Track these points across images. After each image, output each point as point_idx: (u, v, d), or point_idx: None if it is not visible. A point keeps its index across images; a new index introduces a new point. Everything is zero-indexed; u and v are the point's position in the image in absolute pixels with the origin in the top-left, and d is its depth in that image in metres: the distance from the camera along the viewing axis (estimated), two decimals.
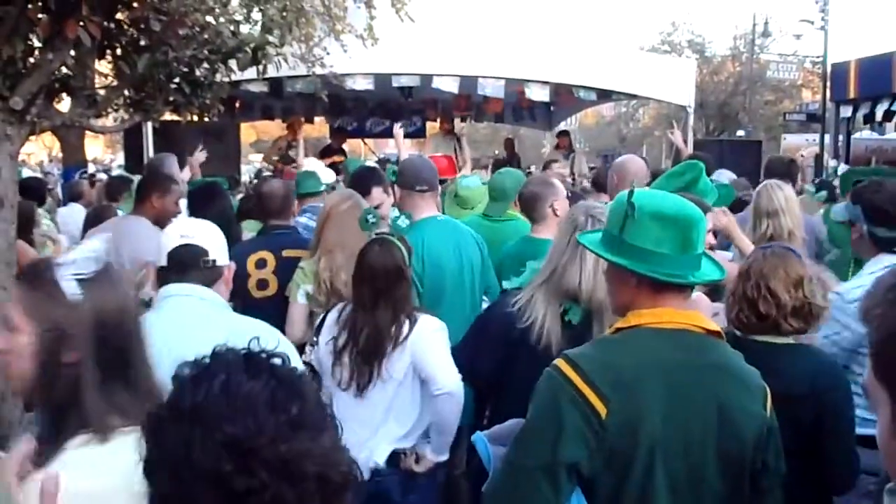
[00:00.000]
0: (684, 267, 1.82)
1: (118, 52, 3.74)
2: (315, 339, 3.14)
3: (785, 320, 2.48)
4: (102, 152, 31.83)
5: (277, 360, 1.06)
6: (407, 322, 2.99)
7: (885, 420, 0.93)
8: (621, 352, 1.84)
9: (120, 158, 19.14)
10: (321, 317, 3.23)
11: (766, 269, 2.51)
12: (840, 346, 2.83)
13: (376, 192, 4.44)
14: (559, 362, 1.83)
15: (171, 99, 4.00)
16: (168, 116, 4.59)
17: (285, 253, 4.02)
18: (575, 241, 2.36)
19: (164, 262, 2.46)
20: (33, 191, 6.94)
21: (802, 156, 7.55)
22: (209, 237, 2.49)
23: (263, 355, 1.06)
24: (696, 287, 2.21)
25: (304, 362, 3.03)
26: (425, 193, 3.91)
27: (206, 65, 4.05)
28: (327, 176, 6.06)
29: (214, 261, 2.45)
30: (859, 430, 2.42)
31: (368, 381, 2.99)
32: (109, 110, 4.05)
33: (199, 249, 2.42)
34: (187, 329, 2.19)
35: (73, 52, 3.57)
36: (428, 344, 2.97)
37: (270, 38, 4.28)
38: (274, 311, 3.72)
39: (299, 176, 5.36)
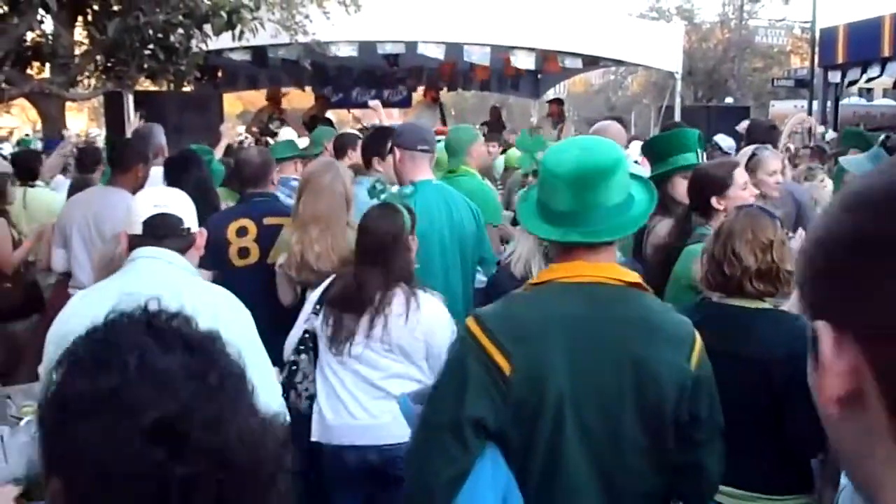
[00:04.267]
0: (588, 223, 1.80)
1: (89, 17, 3.65)
2: (317, 307, 3.10)
3: (750, 283, 2.44)
4: (86, 125, 31.48)
5: (183, 323, 0.97)
6: (401, 292, 2.94)
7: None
8: (527, 307, 1.86)
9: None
10: (319, 292, 3.16)
11: (735, 230, 2.47)
12: None
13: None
14: (468, 320, 1.86)
15: (146, 66, 3.92)
16: (146, 86, 4.51)
17: (266, 220, 3.95)
18: None
19: (137, 230, 2.45)
20: (24, 165, 6.81)
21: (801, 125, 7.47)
22: (182, 205, 2.53)
23: (168, 320, 0.96)
24: None
25: (306, 330, 3.06)
26: (425, 154, 3.85)
27: (180, 30, 3.96)
28: (303, 144, 6.02)
29: (189, 228, 2.49)
30: None
31: (346, 338, 2.96)
32: (83, 77, 3.96)
33: (175, 218, 2.46)
34: (148, 289, 2.18)
35: (42, 18, 3.48)
36: (440, 339, 2.92)
37: (245, 2, 4.19)
38: (256, 280, 3.67)
39: (274, 144, 5.30)
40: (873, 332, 0.61)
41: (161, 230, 2.44)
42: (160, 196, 2.56)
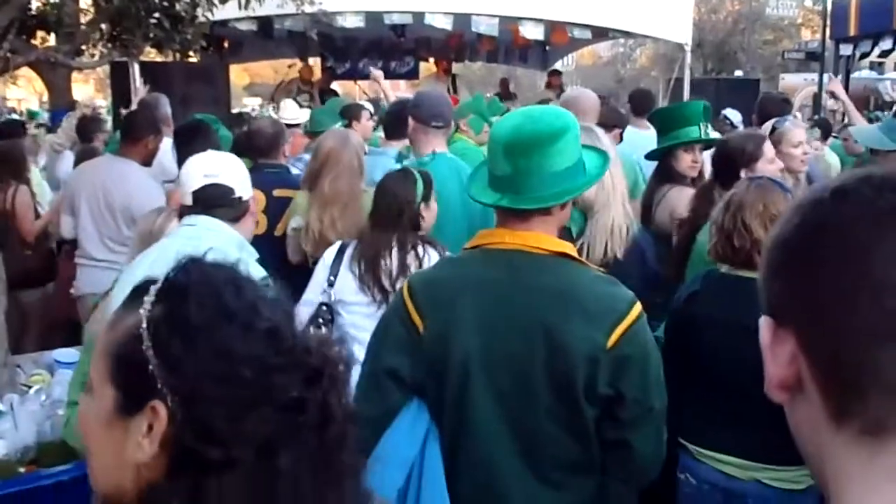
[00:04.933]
0: (522, 190, 1.80)
1: None
2: (332, 277, 3.10)
3: (759, 255, 2.43)
4: (93, 95, 31.41)
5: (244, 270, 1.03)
6: (413, 251, 2.99)
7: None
8: (449, 271, 2.00)
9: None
10: (332, 254, 3.15)
11: (746, 202, 2.45)
12: None
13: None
14: (405, 282, 2.01)
15: (151, 35, 3.89)
16: (152, 56, 4.48)
17: (276, 192, 3.97)
18: None
19: (188, 201, 2.43)
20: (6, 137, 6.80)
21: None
22: (234, 173, 2.48)
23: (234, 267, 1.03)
24: None
25: (322, 303, 3.07)
26: (439, 130, 3.84)
27: None
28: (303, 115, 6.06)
29: (241, 197, 2.45)
30: None
31: (374, 299, 2.99)
32: (88, 46, 3.94)
33: (225, 188, 2.42)
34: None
35: None
36: None
37: None
38: (263, 250, 3.67)
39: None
40: (804, 325, 0.69)
41: (211, 200, 2.39)
42: (210, 165, 2.49)
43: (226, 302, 0.94)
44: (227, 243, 2.34)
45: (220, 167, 2.47)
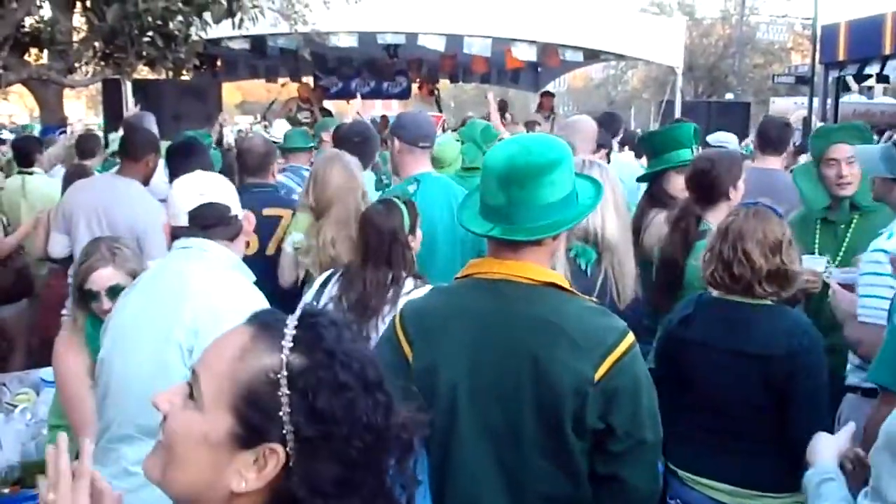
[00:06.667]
0: (514, 220, 1.78)
1: (87, 3, 3.62)
2: (314, 303, 3.07)
3: (759, 284, 2.42)
4: (85, 114, 31.39)
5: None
6: (403, 284, 2.92)
7: None
8: (439, 300, 1.97)
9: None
10: (319, 282, 3.13)
11: (746, 231, 2.44)
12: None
13: None
14: (398, 311, 2.00)
15: (144, 53, 3.89)
16: (144, 73, 4.47)
17: (266, 212, 3.93)
18: None
19: (182, 221, 2.36)
20: (24, 151, 6.80)
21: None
22: (226, 191, 2.43)
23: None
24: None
25: None
26: (426, 150, 3.84)
27: (179, 18, 3.93)
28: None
29: (236, 215, 2.41)
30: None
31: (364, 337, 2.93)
32: (81, 64, 3.93)
33: (221, 207, 2.36)
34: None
35: (40, 3, 3.45)
36: None
37: None
38: (255, 271, 3.66)
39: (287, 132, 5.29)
40: None
41: (208, 220, 2.33)
42: (202, 184, 2.42)
43: (366, 371, 1.01)
44: (225, 265, 2.33)
45: (214, 186, 2.41)
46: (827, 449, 1.85)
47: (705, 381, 2.46)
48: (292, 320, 1.02)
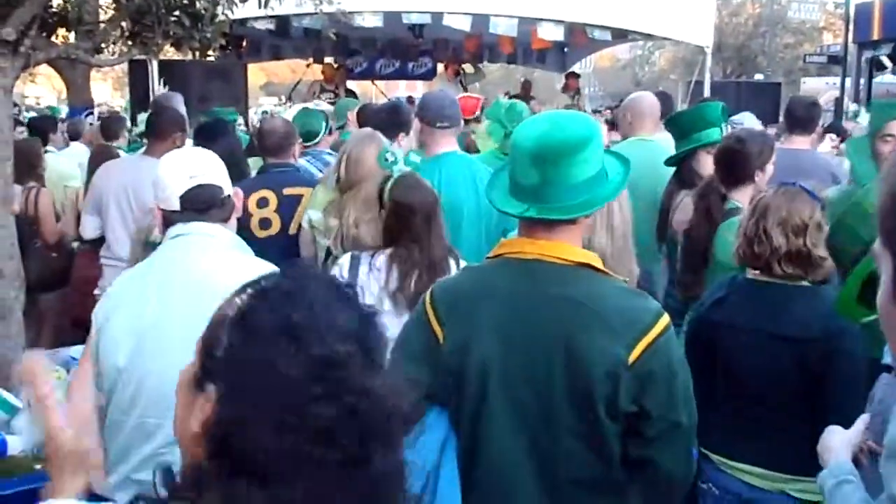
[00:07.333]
0: (548, 199, 1.75)
1: None
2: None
3: (778, 264, 2.37)
4: (111, 95, 31.63)
5: (359, 293, 1.06)
6: (453, 260, 2.92)
7: (887, 282, 0.97)
8: (471, 280, 1.95)
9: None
10: (346, 266, 3.03)
11: (770, 208, 2.39)
12: None
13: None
14: (428, 290, 1.96)
15: (171, 32, 3.88)
16: (170, 55, 4.46)
17: (286, 191, 3.95)
18: None
19: (174, 205, 2.25)
20: (40, 129, 6.87)
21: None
22: (217, 170, 2.32)
23: (347, 287, 1.06)
24: None
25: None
26: (446, 130, 3.82)
27: None
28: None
29: (229, 196, 2.32)
30: None
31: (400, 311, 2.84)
32: (108, 44, 3.94)
33: (214, 188, 2.27)
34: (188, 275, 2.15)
35: None
36: None
37: None
38: (278, 250, 3.65)
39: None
40: None
41: (202, 203, 2.23)
42: (192, 164, 2.30)
43: (293, 317, 0.96)
44: (229, 248, 2.27)
45: (204, 165, 2.30)
46: (840, 445, 1.80)
47: (738, 364, 2.42)
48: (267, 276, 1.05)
